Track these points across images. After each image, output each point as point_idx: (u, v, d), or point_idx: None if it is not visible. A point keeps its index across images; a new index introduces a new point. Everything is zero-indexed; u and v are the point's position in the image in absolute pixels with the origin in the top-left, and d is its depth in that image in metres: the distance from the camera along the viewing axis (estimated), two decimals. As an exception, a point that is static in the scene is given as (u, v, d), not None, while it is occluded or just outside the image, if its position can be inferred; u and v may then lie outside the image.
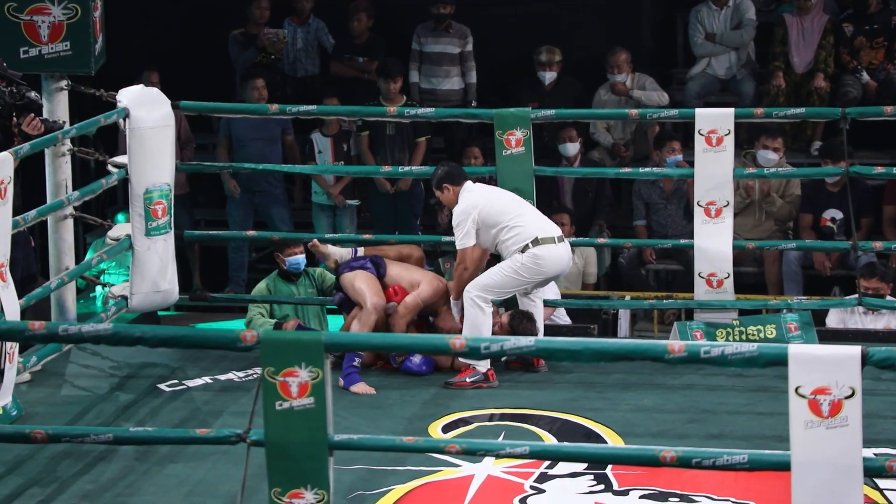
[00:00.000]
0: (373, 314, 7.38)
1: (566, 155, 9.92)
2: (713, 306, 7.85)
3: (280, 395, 4.86)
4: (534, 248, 7.28)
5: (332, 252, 7.87)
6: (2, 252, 6.46)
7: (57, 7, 7.51)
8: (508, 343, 4.76)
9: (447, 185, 7.51)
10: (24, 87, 7.03)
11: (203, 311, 9.38)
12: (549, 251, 7.30)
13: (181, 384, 7.37)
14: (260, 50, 10.66)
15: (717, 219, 7.78)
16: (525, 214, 7.40)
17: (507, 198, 7.49)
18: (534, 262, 7.28)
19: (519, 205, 7.45)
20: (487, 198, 7.43)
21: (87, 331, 4.95)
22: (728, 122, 7.71)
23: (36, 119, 7.00)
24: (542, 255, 7.28)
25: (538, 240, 7.29)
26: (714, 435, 6.65)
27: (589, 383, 7.35)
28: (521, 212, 7.40)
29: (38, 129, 7.00)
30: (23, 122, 6.96)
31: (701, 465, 4.78)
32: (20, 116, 6.97)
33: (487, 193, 7.49)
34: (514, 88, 10.50)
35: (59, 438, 5.36)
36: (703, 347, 4.66)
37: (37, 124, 6.99)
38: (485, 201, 7.39)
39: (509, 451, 5.02)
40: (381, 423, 6.76)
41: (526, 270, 7.30)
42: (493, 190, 7.58)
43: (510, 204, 7.43)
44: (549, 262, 7.31)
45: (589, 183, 10.00)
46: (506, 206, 7.40)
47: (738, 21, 10.65)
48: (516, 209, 7.40)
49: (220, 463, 6.20)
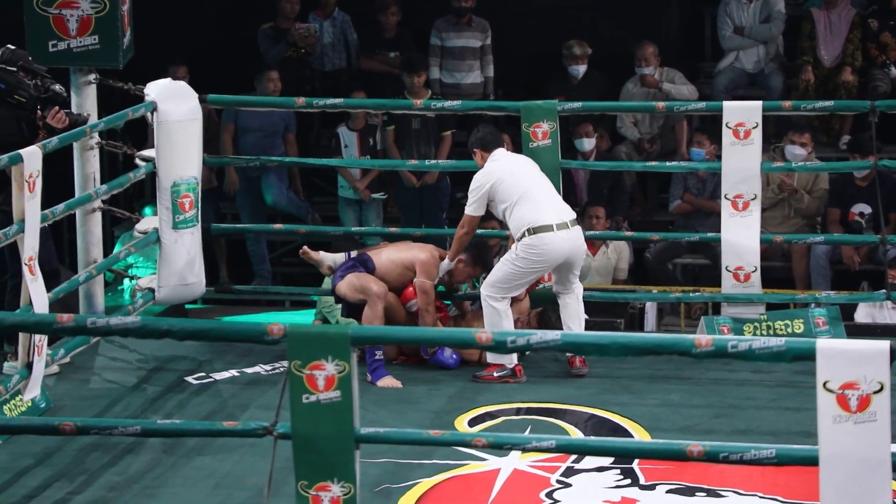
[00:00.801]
0: (378, 302, 7.33)
1: (581, 150, 9.90)
2: (740, 299, 7.82)
3: (307, 389, 4.86)
4: (528, 237, 7.19)
5: (325, 258, 7.77)
6: (31, 245, 6.49)
7: (85, 1, 7.54)
8: (535, 337, 4.74)
9: (477, 149, 7.49)
10: (48, 80, 7.06)
11: (230, 304, 9.40)
12: (543, 240, 7.17)
13: (208, 377, 7.39)
14: (290, 45, 10.67)
15: (745, 212, 7.76)
16: (531, 198, 7.25)
17: (523, 175, 7.34)
18: (527, 251, 7.19)
19: (530, 186, 7.30)
20: (505, 172, 7.32)
21: (115, 324, 4.96)
22: (756, 115, 7.68)
23: (60, 112, 7.02)
24: (535, 245, 7.17)
25: (532, 229, 7.18)
26: (741, 430, 6.63)
27: (615, 377, 7.33)
28: (529, 194, 7.25)
29: (63, 122, 7.02)
30: (47, 115, 6.99)
31: (728, 460, 4.76)
32: (45, 109, 7.00)
33: (507, 167, 7.35)
34: (542, 82, 10.48)
35: (88, 430, 5.37)
36: (730, 342, 4.64)
37: (61, 117, 7.01)
38: (500, 176, 7.30)
39: (536, 445, 5.02)
40: (408, 416, 6.77)
41: (522, 261, 7.21)
42: (515, 164, 7.42)
43: (521, 184, 7.28)
44: (545, 250, 7.18)
45: (605, 179, 9.96)
46: (516, 185, 7.27)
47: (767, 14, 10.61)
48: (523, 190, 7.25)
49: (247, 456, 6.22)
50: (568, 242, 7.24)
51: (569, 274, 7.40)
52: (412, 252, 7.58)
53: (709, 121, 9.89)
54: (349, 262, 7.54)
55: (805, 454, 4.75)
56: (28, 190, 6.40)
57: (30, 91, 6.97)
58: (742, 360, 4.65)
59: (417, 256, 7.51)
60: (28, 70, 7.02)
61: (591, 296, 8.46)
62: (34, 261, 6.53)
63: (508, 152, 7.54)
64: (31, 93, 6.97)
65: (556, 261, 7.26)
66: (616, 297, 8.49)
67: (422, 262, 7.48)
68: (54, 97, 7.03)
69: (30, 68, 7.03)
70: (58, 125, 7.00)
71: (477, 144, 7.49)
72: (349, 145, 10.16)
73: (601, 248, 9.56)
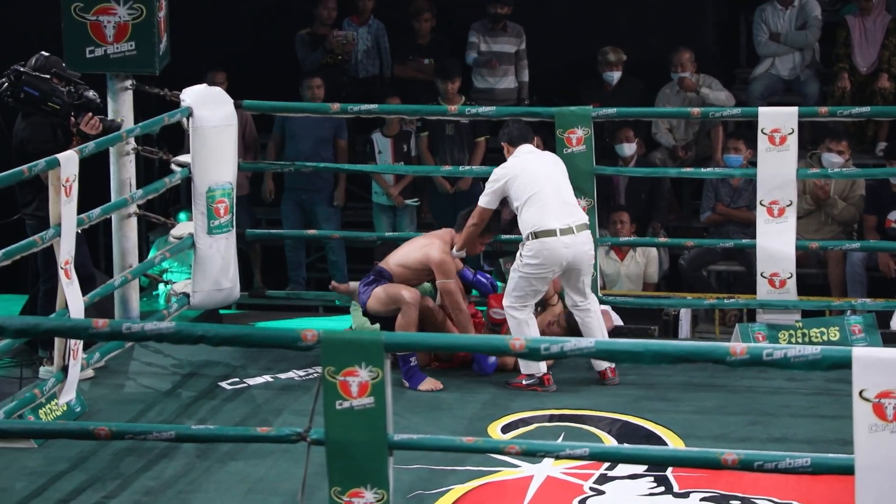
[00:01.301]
0: (411, 308, 7.29)
1: (623, 155, 9.87)
2: (775, 306, 7.79)
3: (340, 395, 4.87)
4: (530, 241, 7.18)
5: (354, 287, 7.82)
6: (67, 250, 6.52)
7: (122, 7, 7.58)
8: (568, 344, 4.74)
9: (504, 143, 7.52)
10: (81, 87, 7.09)
11: (264, 309, 9.43)
12: (544, 244, 7.15)
13: (242, 382, 7.41)
14: (328, 51, 10.69)
15: (780, 218, 7.73)
16: (541, 199, 7.21)
17: (542, 175, 7.29)
18: (530, 257, 7.18)
19: (544, 186, 7.24)
20: (521, 169, 7.29)
21: (150, 329, 4.98)
22: (791, 121, 7.65)
23: (94, 118, 7.05)
24: (535, 250, 7.16)
25: (535, 232, 7.17)
26: (776, 438, 6.60)
27: (649, 385, 7.31)
28: (540, 194, 7.21)
29: (97, 127, 7.05)
30: (81, 122, 7.02)
31: (763, 469, 4.74)
32: (78, 116, 7.03)
33: (525, 165, 7.32)
34: (576, 88, 10.47)
35: (122, 435, 5.40)
36: (765, 350, 4.62)
37: (94, 123, 7.04)
38: (516, 173, 7.29)
39: (569, 453, 5.01)
40: (441, 423, 6.77)
41: (526, 267, 7.20)
42: (537, 162, 7.37)
43: (535, 182, 7.24)
44: (546, 255, 7.15)
45: (643, 184, 9.94)
46: (529, 183, 7.24)
47: (804, 21, 10.56)
48: (536, 190, 7.22)
49: (281, 461, 6.23)
50: (571, 248, 7.18)
51: (577, 282, 7.31)
52: (423, 251, 7.51)
53: (744, 126, 9.84)
54: (368, 279, 7.50)
55: (841, 463, 4.73)
56: (64, 194, 6.44)
57: (63, 98, 7.00)
58: (777, 368, 4.63)
59: (430, 257, 7.45)
60: (61, 77, 7.06)
61: (625, 302, 8.45)
62: (70, 265, 6.57)
63: (534, 148, 7.51)
64: (64, 99, 7.01)
65: (558, 266, 7.21)
66: (650, 304, 8.47)
67: (437, 265, 7.44)
68: (87, 103, 7.06)
69: (63, 75, 7.06)
70: (91, 131, 7.03)
71: (504, 139, 7.53)
72: (383, 151, 10.17)
73: (629, 253, 9.52)
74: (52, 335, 6.41)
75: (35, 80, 7.00)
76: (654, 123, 10.39)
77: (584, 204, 7.83)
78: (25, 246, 6.33)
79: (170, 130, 7.90)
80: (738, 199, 9.78)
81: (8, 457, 6.33)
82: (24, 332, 5.31)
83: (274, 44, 11.07)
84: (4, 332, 5.08)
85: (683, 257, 9.91)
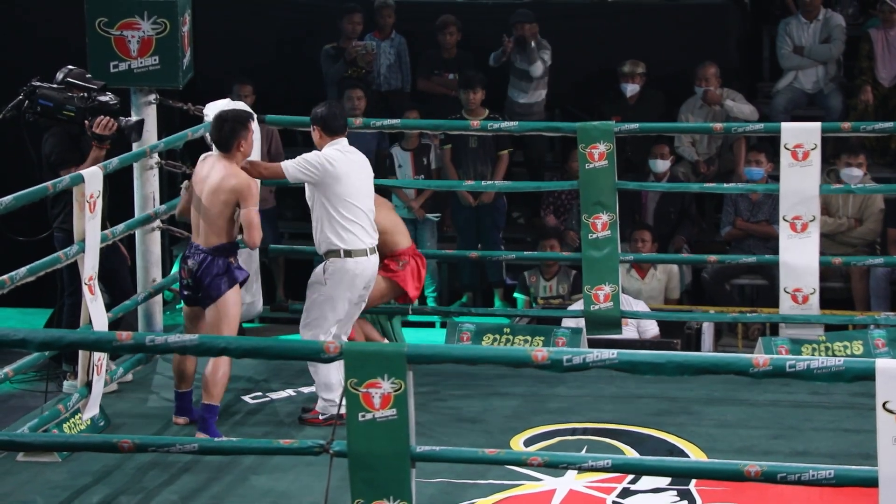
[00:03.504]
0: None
1: (655, 171, 9.85)
2: (798, 320, 7.77)
3: (363, 407, 4.88)
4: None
5: None
6: (91, 265, 6.55)
7: (146, 22, 7.61)
8: (591, 356, 4.74)
9: (317, 127, 7.01)
10: (96, 92, 7.12)
11: (286, 323, 9.43)
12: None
13: (265, 396, 7.42)
14: (349, 63, 10.72)
15: (803, 233, 7.71)
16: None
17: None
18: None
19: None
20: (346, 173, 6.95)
21: (174, 342, 5.01)
22: (814, 137, 7.64)
23: (106, 119, 7.07)
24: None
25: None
26: (799, 451, 6.58)
27: (672, 398, 7.30)
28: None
29: (110, 128, 7.08)
30: (93, 125, 7.06)
31: (786, 481, 4.73)
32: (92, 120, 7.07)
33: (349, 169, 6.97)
34: (596, 102, 10.47)
35: (146, 448, 5.42)
36: (788, 361, 4.62)
37: (107, 124, 7.07)
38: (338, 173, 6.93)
39: (592, 465, 5.01)
40: (464, 435, 6.77)
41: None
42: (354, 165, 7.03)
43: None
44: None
45: (673, 203, 9.91)
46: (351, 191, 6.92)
47: (828, 35, 10.55)
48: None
49: (303, 474, 6.24)
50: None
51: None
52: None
53: (766, 139, 9.83)
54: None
55: (864, 475, 4.71)
56: (89, 210, 6.47)
57: (76, 104, 7.05)
58: (800, 379, 4.63)
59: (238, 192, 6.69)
60: (74, 85, 7.10)
61: (648, 315, 8.44)
62: (94, 280, 6.59)
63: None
64: (77, 106, 7.05)
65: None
66: (673, 317, 8.46)
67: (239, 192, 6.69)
68: (100, 106, 7.10)
69: (77, 83, 7.11)
70: (104, 132, 7.06)
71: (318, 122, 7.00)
72: (403, 165, 10.19)
73: (650, 270, 9.49)
74: (76, 348, 6.43)
75: (48, 92, 7.06)
76: (676, 137, 10.38)
77: (607, 219, 7.83)
78: (50, 262, 6.36)
79: (193, 145, 7.92)
80: (758, 213, 9.76)
81: (32, 470, 6.36)
82: (48, 346, 5.33)
83: (301, 58, 11.11)
84: (28, 346, 5.11)
85: (706, 271, 9.89)
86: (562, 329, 8.12)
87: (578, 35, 10.97)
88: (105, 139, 7.07)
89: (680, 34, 10.99)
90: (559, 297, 9.56)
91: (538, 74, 10.45)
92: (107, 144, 7.12)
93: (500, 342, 8.00)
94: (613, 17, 11.12)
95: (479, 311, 8.97)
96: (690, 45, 10.85)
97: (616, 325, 7.94)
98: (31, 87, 7.07)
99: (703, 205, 10.67)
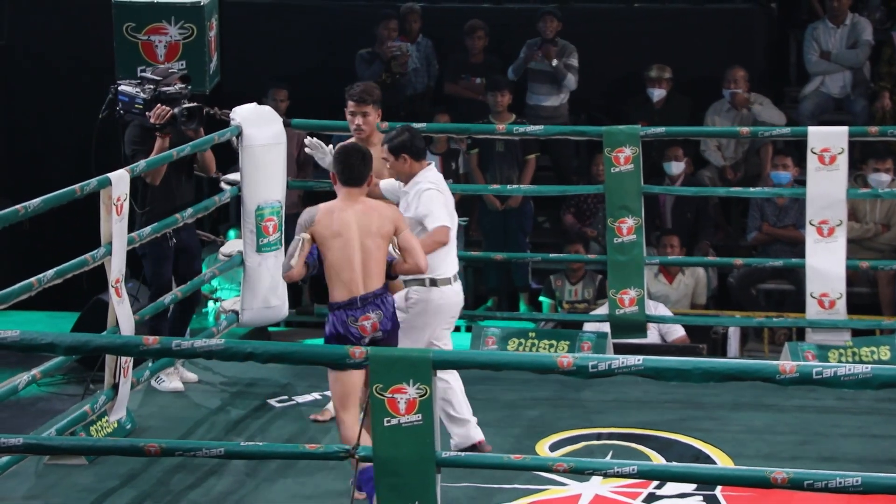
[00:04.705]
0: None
1: (670, 173, 9.85)
2: (824, 325, 7.74)
3: (388, 412, 4.88)
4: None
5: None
6: (118, 268, 6.57)
7: (174, 27, 7.64)
8: (616, 362, 4.73)
9: (406, 155, 6.49)
10: (162, 83, 7.19)
11: (312, 327, 9.45)
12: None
13: (291, 400, 7.43)
14: (385, 63, 10.73)
15: (830, 238, 7.69)
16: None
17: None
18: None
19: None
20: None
21: (200, 346, 5.02)
22: (842, 141, 7.62)
23: (160, 108, 7.12)
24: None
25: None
26: (826, 457, 6.55)
27: (698, 403, 7.28)
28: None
29: (162, 117, 7.12)
30: (150, 116, 7.13)
31: (813, 488, 4.71)
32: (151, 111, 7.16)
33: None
34: (623, 106, 10.47)
35: (172, 452, 5.43)
36: (815, 368, 4.60)
37: (160, 112, 7.12)
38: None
39: (617, 471, 5.00)
40: (489, 440, 6.76)
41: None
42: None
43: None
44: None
45: (689, 204, 9.90)
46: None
47: (855, 40, 10.51)
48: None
49: (329, 479, 6.25)
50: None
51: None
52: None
53: (792, 143, 9.81)
54: None
55: (892, 482, 4.69)
56: (116, 213, 6.49)
57: (143, 97, 7.12)
58: (827, 386, 4.60)
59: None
60: (146, 78, 7.20)
61: (674, 319, 8.43)
62: (121, 283, 6.61)
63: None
64: (144, 98, 7.12)
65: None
66: (698, 321, 8.44)
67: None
68: (158, 96, 7.15)
69: (149, 77, 7.21)
70: (158, 121, 7.12)
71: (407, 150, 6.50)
72: (431, 169, 10.18)
73: (678, 275, 9.48)
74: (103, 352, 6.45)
75: (126, 87, 7.19)
76: (702, 141, 10.36)
77: (632, 223, 7.82)
78: (77, 265, 6.38)
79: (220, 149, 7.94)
80: (785, 217, 9.74)
81: (59, 473, 6.38)
82: (76, 350, 5.35)
83: (336, 64, 11.14)
84: (56, 350, 5.13)
85: (733, 276, 9.87)
86: (587, 333, 8.11)
87: (605, 40, 10.98)
88: (163, 128, 7.13)
89: (707, 39, 10.98)
90: (584, 301, 9.56)
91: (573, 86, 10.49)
92: (168, 133, 7.16)
93: (525, 347, 8.00)
94: (640, 22, 11.12)
95: (504, 315, 8.98)
96: (717, 50, 10.84)
97: (641, 329, 7.94)
98: (116, 86, 7.19)
99: (729, 210, 10.64)
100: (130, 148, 7.27)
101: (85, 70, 10.87)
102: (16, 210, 5.82)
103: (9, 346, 5.03)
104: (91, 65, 10.32)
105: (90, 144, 7.12)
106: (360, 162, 5.94)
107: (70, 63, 11.25)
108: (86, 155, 7.12)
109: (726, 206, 10.60)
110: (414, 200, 6.35)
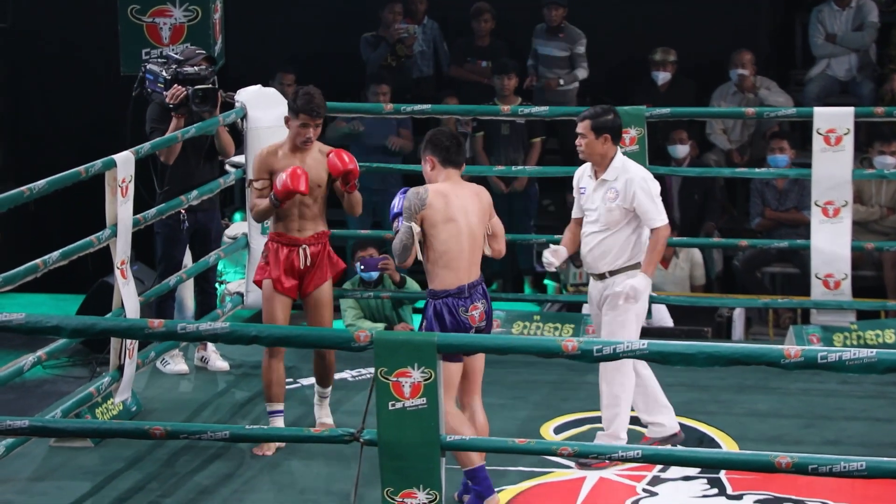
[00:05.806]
0: None
1: (675, 156, 9.83)
2: (829, 306, 7.74)
3: (393, 396, 4.89)
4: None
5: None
6: (123, 250, 6.57)
7: (178, 9, 7.64)
8: (621, 346, 4.74)
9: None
10: (185, 63, 7.22)
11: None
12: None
13: (295, 382, 7.44)
14: (391, 46, 10.72)
15: (835, 219, 7.68)
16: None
17: None
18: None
19: None
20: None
21: (205, 329, 5.02)
22: (847, 122, 7.60)
23: (175, 88, 7.12)
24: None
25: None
26: (830, 441, 6.56)
27: (703, 387, 7.29)
28: None
29: (176, 97, 7.12)
30: (167, 97, 7.14)
31: (817, 472, 4.72)
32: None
33: None
34: (628, 89, 10.45)
35: (177, 435, 5.44)
36: (820, 353, 4.59)
37: (175, 92, 7.13)
38: None
39: (622, 455, 5.00)
40: (493, 423, 6.75)
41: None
42: None
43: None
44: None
45: (696, 186, 9.88)
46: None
47: (860, 22, 10.48)
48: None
49: (334, 462, 6.26)
50: None
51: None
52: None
53: (787, 126, 9.78)
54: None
55: (896, 467, 4.69)
56: (121, 195, 6.49)
57: (164, 77, 7.13)
58: (832, 371, 4.60)
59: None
60: (169, 58, 7.23)
61: (678, 300, 8.42)
62: (126, 265, 6.62)
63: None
64: (165, 78, 7.14)
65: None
66: (701, 302, 8.42)
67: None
68: (176, 76, 7.16)
69: (172, 56, 7.24)
70: (172, 101, 7.14)
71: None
72: (437, 152, 10.17)
73: (672, 259, 9.46)
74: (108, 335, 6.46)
75: (152, 67, 7.23)
76: (708, 124, 10.34)
77: (638, 205, 7.79)
78: (82, 247, 6.39)
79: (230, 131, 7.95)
80: (786, 200, 9.72)
81: (64, 455, 6.40)
82: (81, 333, 5.35)
83: (343, 47, 11.13)
84: (62, 333, 5.14)
85: (738, 259, 9.86)
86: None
87: (610, 23, 10.95)
88: (178, 109, 7.13)
89: (712, 22, 10.95)
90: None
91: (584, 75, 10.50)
92: (183, 114, 7.16)
93: (529, 329, 8.00)
94: (645, 5, 11.09)
95: (509, 297, 8.97)
96: (722, 34, 10.81)
97: None
98: (144, 67, 7.24)
99: (734, 193, 10.63)
100: (150, 126, 7.30)
101: (90, 53, 10.88)
102: (21, 192, 5.83)
103: (14, 328, 5.04)
104: (96, 47, 10.33)
105: (125, 122, 7.16)
106: (457, 143, 5.80)
107: (75, 46, 11.24)
108: (91, 138, 7.13)
109: (732, 191, 10.59)
110: (626, 190, 6.16)
